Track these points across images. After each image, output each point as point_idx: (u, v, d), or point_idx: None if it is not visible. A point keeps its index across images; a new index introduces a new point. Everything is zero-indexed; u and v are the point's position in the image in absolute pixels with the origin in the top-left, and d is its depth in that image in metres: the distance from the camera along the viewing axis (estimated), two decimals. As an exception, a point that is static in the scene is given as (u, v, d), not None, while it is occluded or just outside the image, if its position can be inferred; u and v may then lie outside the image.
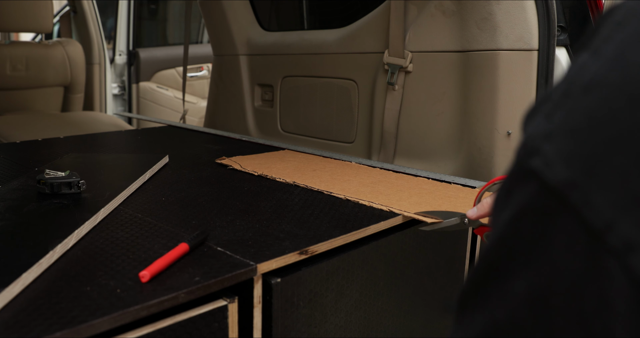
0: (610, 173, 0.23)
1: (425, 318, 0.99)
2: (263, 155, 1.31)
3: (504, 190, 0.29)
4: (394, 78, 1.41)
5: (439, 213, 0.87)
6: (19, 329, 0.52)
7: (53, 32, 3.73)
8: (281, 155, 1.32)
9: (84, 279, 0.63)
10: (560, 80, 0.28)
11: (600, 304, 0.23)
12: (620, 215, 0.23)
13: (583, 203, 0.24)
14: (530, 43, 1.18)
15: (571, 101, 0.26)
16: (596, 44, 0.26)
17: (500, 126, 1.23)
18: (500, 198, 0.29)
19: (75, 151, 1.37)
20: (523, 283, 0.26)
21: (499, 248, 0.28)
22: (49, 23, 2.97)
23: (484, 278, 0.29)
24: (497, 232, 0.28)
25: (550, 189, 0.25)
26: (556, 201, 0.25)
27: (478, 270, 0.30)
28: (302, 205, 0.93)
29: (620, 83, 0.24)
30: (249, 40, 1.91)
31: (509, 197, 0.28)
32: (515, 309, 0.26)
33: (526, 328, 0.26)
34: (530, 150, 0.26)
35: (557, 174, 0.25)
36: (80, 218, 0.79)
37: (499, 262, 0.28)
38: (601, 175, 0.23)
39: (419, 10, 1.36)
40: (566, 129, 0.25)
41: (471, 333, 0.29)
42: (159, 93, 3.78)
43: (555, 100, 0.27)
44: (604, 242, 0.23)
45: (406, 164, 1.42)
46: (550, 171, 0.25)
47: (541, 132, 0.26)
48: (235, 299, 0.66)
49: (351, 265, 0.80)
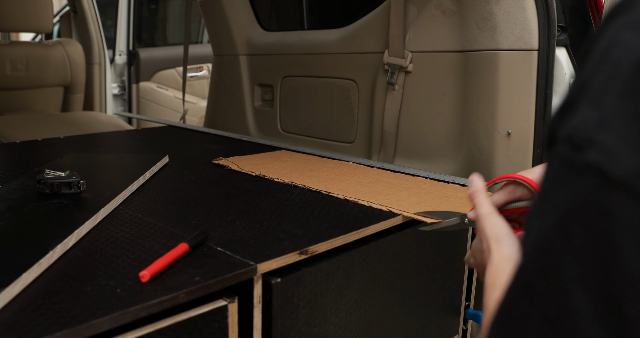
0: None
1: (425, 318, 0.99)
2: (260, 156, 1.31)
3: (541, 197, 0.26)
4: (394, 78, 1.41)
5: (438, 213, 0.87)
6: (19, 329, 0.52)
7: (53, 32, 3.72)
8: (278, 156, 1.32)
9: (84, 279, 0.63)
10: (595, 65, 0.25)
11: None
12: None
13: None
14: (530, 43, 1.18)
15: (621, 82, 0.23)
16: (636, 19, 0.24)
17: (500, 126, 1.23)
18: (537, 206, 0.26)
19: (75, 151, 1.36)
20: (587, 297, 0.23)
21: (545, 258, 0.25)
22: (49, 23, 2.97)
23: (534, 297, 0.26)
24: (537, 242, 0.25)
25: (614, 182, 0.22)
26: (624, 194, 0.22)
27: (512, 294, 0.27)
28: (302, 205, 0.93)
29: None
30: (249, 40, 1.91)
31: (547, 202, 0.25)
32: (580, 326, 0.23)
33: None
34: (580, 144, 0.23)
35: (624, 164, 0.22)
36: (80, 218, 0.79)
37: (548, 274, 0.24)
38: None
39: (419, 10, 1.36)
40: (624, 113, 0.22)
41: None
42: (159, 93, 3.77)
43: (599, 85, 0.24)
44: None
45: (406, 163, 1.42)
46: (613, 162, 0.22)
47: (590, 122, 0.23)
48: (235, 299, 0.66)
49: (351, 265, 0.80)
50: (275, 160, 1.27)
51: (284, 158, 1.30)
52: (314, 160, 1.27)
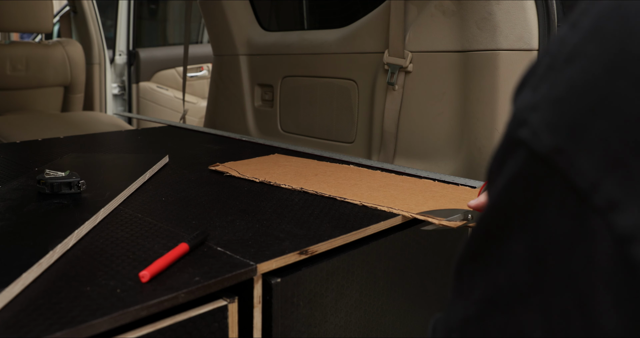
0: (592, 137, 0.24)
1: (425, 318, 0.99)
2: (255, 160, 1.27)
3: (496, 161, 0.30)
4: (394, 78, 1.41)
5: (441, 212, 0.87)
6: (19, 329, 0.52)
7: (53, 32, 3.73)
8: (274, 160, 1.29)
9: (84, 279, 0.63)
10: (543, 54, 0.29)
11: (587, 262, 0.25)
12: (603, 175, 0.24)
13: (569, 167, 0.25)
14: (530, 43, 1.18)
15: (554, 73, 0.27)
16: (575, 17, 0.28)
17: (500, 126, 1.23)
18: (493, 168, 0.31)
19: (75, 151, 1.37)
20: (521, 246, 0.27)
21: (494, 215, 0.30)
22: (49, 23, 2.97)
23: (482, 245, 0.31)
24: (491, 200, 0.30)
25: (538, 156, 0.26)
26: (544, 167, 0.26)
27: (475, 238, 0.32)
28: (302, 205, 0.93)
29: (598, 54, 0.26)
30: (249, 40, 1.91)
31: (500, 167, 0.29)
32: (514, 271, 0.28)
33: (524, 290, 0.27)
34: (518, 122, 0.28)
35: (544, 142, 0.26)
36: (80, 218, 0.79)
37: (495, 228, 0.29)
38: (584, 140, 0.25)
39: (419, 10, 1.36)
40: (550, 99, 0.27)
41: (472, 299, 0.31)
42: (159, 93, 3.78)
43: (539, 73, 0.28)
44: (590, 202, 0.24)
45: (406, 164, 1.42)
46: (537, 139, 0.26)
47: (528, 104, 0.28)
48: (235, 299, 0.66)
49: (351, 265, 0.80)
50: (272, 164, 1.24)
51: (281, 162, 1.26)
52: (313, 164, 1.25)
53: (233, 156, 1.32)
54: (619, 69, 0.24)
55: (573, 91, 0.26)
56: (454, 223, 0.83)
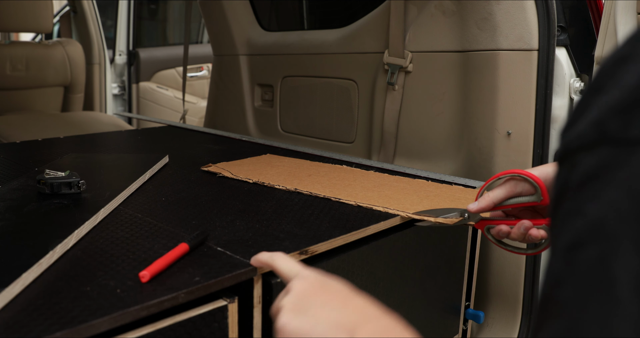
0: None
1: (425, 318, 0.99)
2: (248, 161, 1.26)
3: (623, 191, 0.27)
4: (394, 78, 1.41)
5: (438, 211, 0.87)
6: (19, 329, 0.52)
7: (53, 32, 3.73)
8: (267, 160, 1.28)
9: (84, 279, 0.63)
10: None
11: None
12: None
13: None
14: (530, 43, 1.18)
15: None
16: None
17: (500, 126, 1.23)
18: (581, 188, 0.27)
19: (75, 151, 1.36)
20: None
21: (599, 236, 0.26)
22: (49, 23, 2.97)
23: None
24: (594, 216, 0.27)
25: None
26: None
27: None
28: (302, 205, 0.93)
29: None
30: (249, 40, 1.91)
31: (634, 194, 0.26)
32: None
33: None
34: None
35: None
36: (80, 218, 0.79)
37: None
38: None
39: (419, 10, 1.36)
40: None
41: None
42: (159, 93, 3.78)
43: None
44: None
45: (406, 164, 1.42)
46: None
47: None
48: (235, 299, 0.66)
49: (351, 265, 0.80)
50: (265, 165, 1.23)
51: (274, 162, 1.26)
52: (306, 164, 1.24)
53: (233, 156, 1.32)
54: None
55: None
56: (451, 220, 0.83)
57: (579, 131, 0.28)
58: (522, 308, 1.26)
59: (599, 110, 0.28)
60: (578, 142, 0.29)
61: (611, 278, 0.25)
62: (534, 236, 0.74)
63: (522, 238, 0.75)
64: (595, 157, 0.27)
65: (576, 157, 0.28)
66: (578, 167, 0.28)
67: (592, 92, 0.29)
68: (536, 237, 0.74)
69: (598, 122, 0.28)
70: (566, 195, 0.29)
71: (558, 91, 1.21)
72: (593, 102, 0.28)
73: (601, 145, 0.27)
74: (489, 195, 0.75)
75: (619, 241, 0.25)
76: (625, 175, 0.26)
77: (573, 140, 0.29)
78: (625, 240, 0.25)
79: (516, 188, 0.74)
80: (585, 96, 0.30)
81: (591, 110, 0.28)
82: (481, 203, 0.76)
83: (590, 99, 0.29)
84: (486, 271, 1.28)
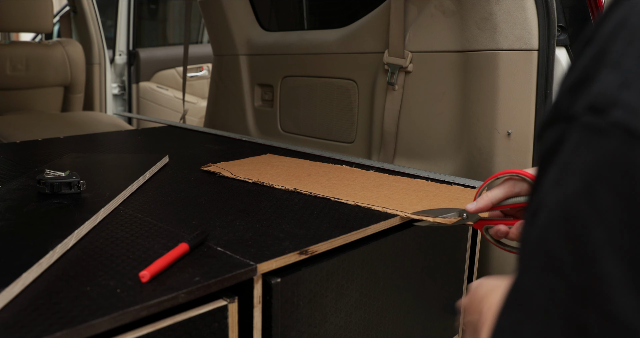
0: None
1: (425, 318, 0.99)
2: (248, 161, 1.27)
3: (559, 171, 0.26)
4: (394, 78, 1.41)
5: (436, 211, 0.87)
6: (19, 329, 0.52)
7: (53, 32, 3.72)
8: (267, 160, 1.28)
9: (84, 279, 0.63)
10: (611, 34, 0.26)
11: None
12: None
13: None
14: (530, 43, 1.18)
15: (639, 45, 0.24)
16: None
17: (500, 126, 1.23)
18: (553, 180, 0.27)
19: (75, 151, 1.37)
20: None
21: (570, 225, 0.25)
22: (49, 23, 2.97)
23: None
24: (558, 212, 0.26)
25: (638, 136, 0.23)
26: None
27: None
28: (302, 205, 0.93)
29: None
30: (249, 40, 1.91)
31: (566, 172, 0.26)
32: None
33: None
34: (603, 107, 0.24)
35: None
36: (80, 218, 0.79)
37: (574, 241, 0.25)
38: None
39: (419, 10, 1.36)
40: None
41: None
42: (159, 93, 3.78)
43: (617, 50, 0.25)
44: None
45: (406, 163, 1.42)
46: (638, 118, 0.23)
47: (612, 85, 0.25)
48: (235, 299, 0.66)
49: (351, 265, 0.80)
50: (265, 165, 1.23)
51: (273, 162, 1.26)
52: (306, 164, 1.24)
53: (233, 156, 1.32)
54: None
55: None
56: (449, 220, 0.83)
57: (549, 108, 0.30)
58: (522, 308, 1.26)
59: (560, 90, 0.29)
60: (545, 118, 0.30)
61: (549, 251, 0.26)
62: None
63: None
64: (553, 131, 0.28)
65: (543, 132, 0.29)
66: (544, 141, 0.29)
67: (567, 72, 0.30)
68: None
69: (557, 100, 0.29)
70: (538, 169, 0.30)
71: (558, 91, 1.21)
72: (563, 81, 0.30)
73: (557, 121, 0.28)
74: (487, 195, 0.76)
75: None
76: (569, 149, 0.26)
77: (544, 117, 0.30)
78: None
79: (514, 188, 0.74)
80: (563, 76, 0.31)
81: (559, 89, 0.30)
82: (479, 203, 0.76)
83: (563, 79, 0.30)
84: (486, 271, 1.28)
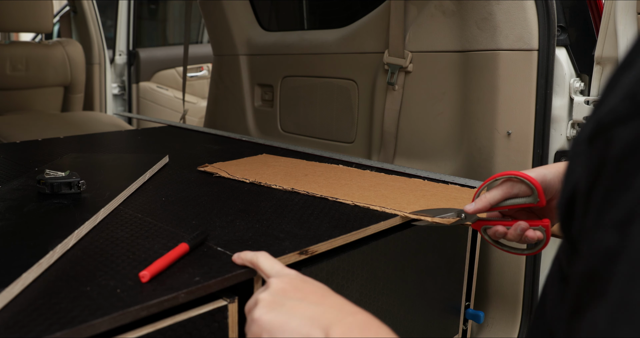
0: None
1: (425, 318, 0.99)
2: (244, 161, 1.26)
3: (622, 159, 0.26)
4: (394, 78, 1.41)
5: (434, 211, 0.87)
6: (19, 329, 0.52)
7: (53, 32, 3.73)
8: (263, 160, 1.28)
9: (84, 279, 0.63)
10: None
11: None
12: None
13: None
14: (530, 43, 1.18)
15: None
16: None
17: (500, 126, 1.23)
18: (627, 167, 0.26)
19: (75, 151, 1.37)
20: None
21: None
22: (49, 23, 2.97)
23: None
24: None
25: None
26: None
27: None
28: (302, 205, 0.93)
29: None
30: (249, 40, 1.91)
31: None
32: None
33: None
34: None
35: None
36: (80, 218, 0.79)
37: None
38: None
39: (419, 10, 1.36)
40: None
41: None
42: (159, 93, 3.78)
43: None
44: None
45: (406, 163, 1.42)
46: None
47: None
48: (235, 299, 0.66)
49: (351, 265, 0.80)
50: (262, 164, 1.23)
51: (270, 162, 1.25)
52: (302, 164, 1.24)
53: (233, 156, 1.32)
54: None
55: None
56: (448, 220, 0.83)
57: (612, 106, 0.28)
58: (522, 308, 1.26)
59: (631, 84, 0.27)
60: (612, 117, 0.28)
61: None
62: (530, 237, 0.74)
63: (519, 239, 0.75)
64: (632, 129, 0.27)
65: (611, 132, 0.28)
66: (615, 142, 0.27)
67: (621, 69, 0.29)
68: (532, 238, 0.74)
69: (631, 95, 0.27)
70: (605, 172, 0.28)
71: (558, 91, 1.21)
72: (623, 78, 0.28)
73: (637, 117, 0.27)
74: (485, 196, 0.76)
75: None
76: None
77: (606, 116, 0.28)
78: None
79: (513, 189, 0.75)
80: (614, 74, 0.29)
81: (622, 86, 0.28)
82: (478, 204, 0.76)
83: (619, 76, 0.28)
84: (486, 271, 1.28)
